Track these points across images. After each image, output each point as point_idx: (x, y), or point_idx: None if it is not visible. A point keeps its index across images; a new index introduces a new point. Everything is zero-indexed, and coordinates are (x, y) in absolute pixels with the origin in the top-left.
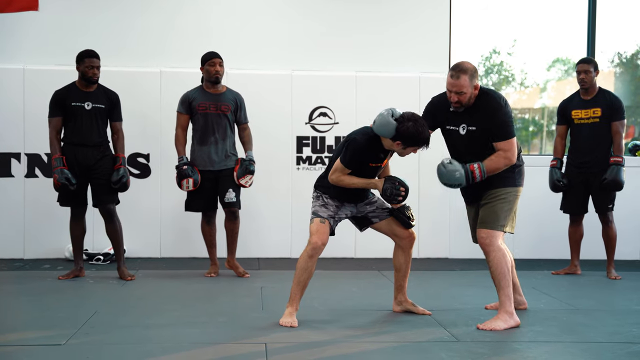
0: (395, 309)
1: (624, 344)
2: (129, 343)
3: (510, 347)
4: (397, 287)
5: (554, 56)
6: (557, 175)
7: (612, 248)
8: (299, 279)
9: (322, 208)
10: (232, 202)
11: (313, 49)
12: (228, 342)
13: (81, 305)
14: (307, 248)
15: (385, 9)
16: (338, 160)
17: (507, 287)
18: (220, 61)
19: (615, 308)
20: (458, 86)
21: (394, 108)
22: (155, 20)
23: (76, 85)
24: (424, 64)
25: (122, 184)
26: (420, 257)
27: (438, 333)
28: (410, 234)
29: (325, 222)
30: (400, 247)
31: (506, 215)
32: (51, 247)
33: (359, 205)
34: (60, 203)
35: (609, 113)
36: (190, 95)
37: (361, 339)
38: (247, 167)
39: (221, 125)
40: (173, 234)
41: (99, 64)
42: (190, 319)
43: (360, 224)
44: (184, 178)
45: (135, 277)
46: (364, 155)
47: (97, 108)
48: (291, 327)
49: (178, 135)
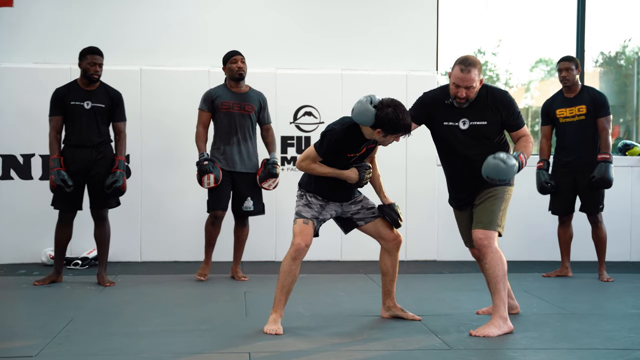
0: (384, 315)
1: (621, 351)
2: (105, 354)
3: (505, 354)
4: (385, 292)
5: (537, 56)
6: (544, 177)
7: (602, 249)
8: (283, 283)
9: (306, 208)
10: (249, 211)
11: (298, 47)
12: (210, 352)
13: (56, 313)
14: (290, 250)
15: (371, 6)
16: (312, 147)
17: (503, 291)
18: (242, 58)
19: (610, 312)
20: (469, 80)
21: (373, 95)
22: (136, 17)
23: (77, 83)
24: (411, 62)
25: (115, 188)
26: (407, 260)
27: (429, 340)
28: (396, 236)
29: (309, 223)
30: (386, 250)
31: (502, 215)
32: (27, 251)
33: (344, 205)
34: (54, 206)
35: (594, 110)
36: (213, 92)
37: (349, 347)
38: (270, 170)
39: (244, 125)
40: (154, 237)
41: (101, 61)
42: (171, 327)
43: (345, 226)
44: (205, 174)
45: (115, 282)
46: (342, 145)
47: (97, 107)
48: (276, 334)
49: (199, 132)
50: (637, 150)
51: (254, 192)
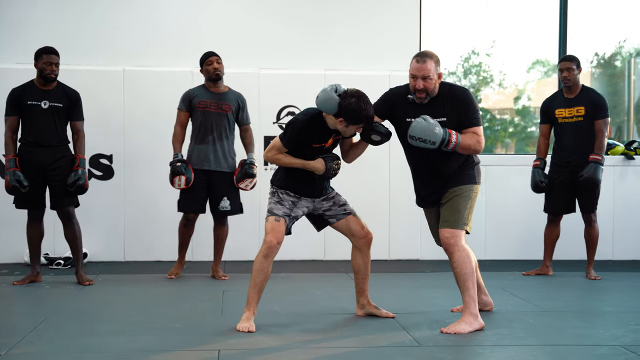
0: (358, 313)
1: (589, 347)
2: (74, 352)
3: (473, 351)
4: (358, 290)
5: (533, 58)
6: (539, 175)
7: (593, 248)
8: (255, 281)
9: (277, 205)
10: (226, 210)
11: (280, 47)
12: (180, 349)
13: (31, 312)
14: (262, 248)
15: (354, 6)
16: (277, 137)
17: (472, 289)
18: (217, 58)
19: (584, 310)
20: (425, 70)
21: (338, 84)
22: (119, 17)
23: (34, 83)
24: (394, 62)
25: (78, 186)
26: (391, 259)
27: (400, 337)
28: (367, 233)
29: (281, 221)
30: (357, 248)
31: (469, 213)
32: (9, 251)
33: (316, 202)
34: (16, 205)
35: (593, 111)
36: (191, 92)
37: (319, 344)
38: (246, 170)
39: (220, 124)
40: (137, 237)
41: (57, 60)
42: (144, 325)
43: (317, 223)
44: (177, 175)
45: (93, 281)
46: (305, 135)
47: (54, 107)
48: (248, 332)
49: (176, 132)
50: (619, 150)
51: (230, 192)
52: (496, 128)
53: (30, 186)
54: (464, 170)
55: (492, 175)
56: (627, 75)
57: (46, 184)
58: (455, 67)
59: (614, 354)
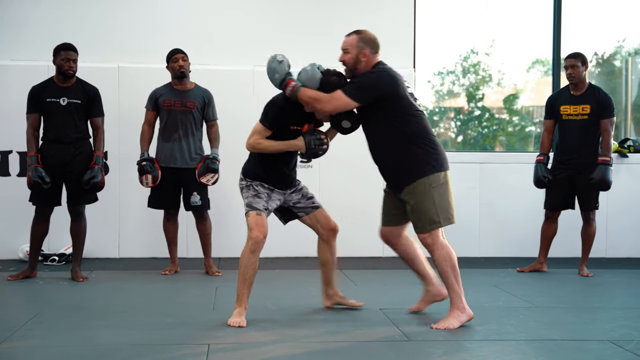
0: (326, 304)
1: (578, 342)
2: (66, 346)
3: (462, 345)
4: (325, 281)
5: (533, 57)
6: (542, 171)
7: (589, 246)
8: (244, 276)
9: (255, 199)
10: (197, 205)
11: (275, 44)
12: (170, 344)
13: (24, 307)
14: (248, 244)
15: (349, 4)
16: (258, 122)
17: (455, 284)
18: (183, 56)
19: (574, 305)
20: (345, 43)
21: (319, 64)
22: (114, 14)
23: (53, 80)
24: (389, 59)
25: (93, 184)
26: (386, 256)
27: (390, 332)
28: (333, 226)
29: (262, 214)
30: (324, 240)
31: (435, 210)
32: (4, 247)
33: (286, 195)
34: (32, 202)
35: (599, 110)
36: (157, 91)
37: (309, 339)
38: (208, 165)
39: (185, 122)
40: (132, 233)
41: (75, 57)
42: (136, 321)
43: (284, 216)
44: (144, 174)
45: (88, 278)
46: (286, 114)
47: (73, 104)
48: (239, 327)
49: (143, 131)
50: (614, 147)
51: (200, 188)
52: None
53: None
54: (418, 157)
55: (488, 173)
56: (625, 74)
57: (63, 181)
58: (454, 66)
59: (602, 348)
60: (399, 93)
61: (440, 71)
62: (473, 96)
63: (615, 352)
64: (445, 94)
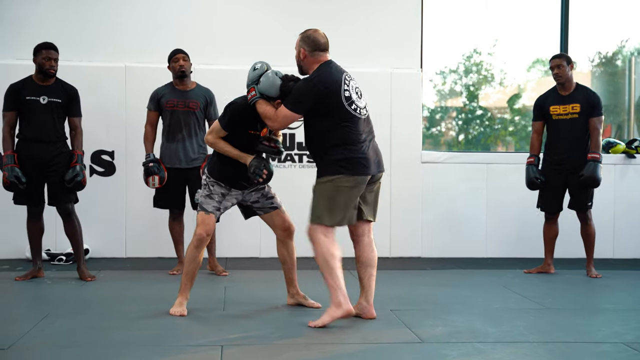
0: (289, 302)
1: (591, 344)
2: (76, 347)
3: (475, 348)
4: (287, 280)
5: (534, 57)
6: (534, 172)
7: (591, 246)
8: (188, 269)
9: (207, 199)
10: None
11: (279, 44)
12: (182, 345)
13: (34, 308)
14: (193, 240)
15: (356, 4)
16: (217, 120)
17: (329, 279)
18: (183, 56)
19: (585, 307)
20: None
21: (278, 70)
22: (121, 14)
23: (32, 78)
24: (395, 60)
25: (76, 182)
26: (392, 257)
27: (403, 334)
28: (288, 226)
29: (210, 215)
30: (280, 240)
31: (318, 206)
32: (11, 247)
33: (245, 194)
34: (15, 201)
35: (588, 109)
36: (159, 92)
37: (324, 341)
38: None
39: (189, 122)
40: (139, 233)
41: (56, 56)
42: (146, 321)
43: (245, 212)
44: (150, 175)
45: (96, 277)
46: (244, 118)
47: (53, 102)
48: (180, 315)
49: (147, 132)
50: (620, 148)
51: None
52: (496, 127)
53: (29, 182)
54: (325, 161)
55: (493, 173)
56: (627, 74)
57: (44, 180)
58: (457, 66)
59: (616, 351)
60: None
61: (442, 70)
62: (475, 96)
63: (630, 354)
64: (447, 94)
